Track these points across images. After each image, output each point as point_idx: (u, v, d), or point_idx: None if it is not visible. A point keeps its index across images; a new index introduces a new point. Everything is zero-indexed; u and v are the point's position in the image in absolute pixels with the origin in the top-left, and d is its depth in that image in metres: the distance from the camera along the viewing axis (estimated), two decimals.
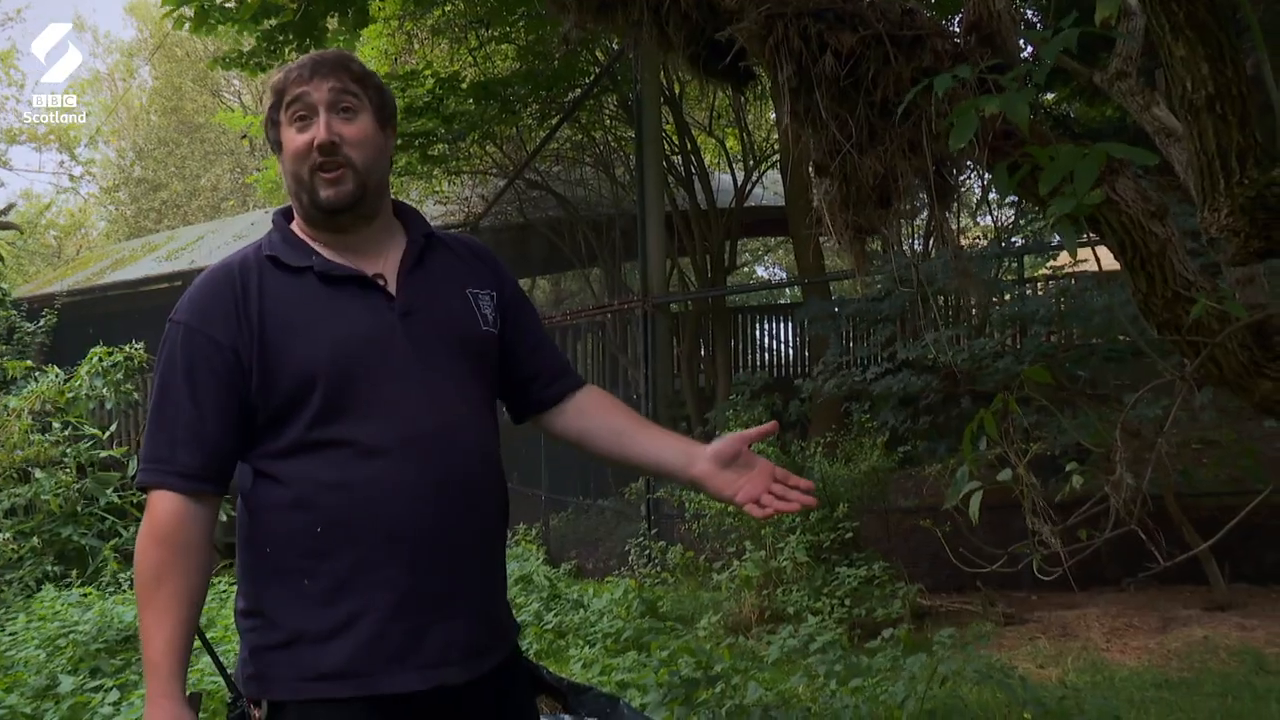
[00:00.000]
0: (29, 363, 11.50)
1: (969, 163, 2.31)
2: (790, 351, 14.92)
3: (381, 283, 1.71)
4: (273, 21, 8.34)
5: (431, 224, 1.87)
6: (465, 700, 1.68)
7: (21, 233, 28.40)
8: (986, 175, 2.45)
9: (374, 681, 1.59)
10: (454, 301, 1.77)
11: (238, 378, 1.62)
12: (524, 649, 5.54)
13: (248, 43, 8.92)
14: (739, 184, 13.58)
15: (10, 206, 24.25)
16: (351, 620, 1.59)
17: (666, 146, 11.70)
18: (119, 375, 10.19)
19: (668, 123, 11.76)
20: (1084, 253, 2.23)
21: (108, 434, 9.76)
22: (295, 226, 1.76)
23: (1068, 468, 2.33)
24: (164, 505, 1.57)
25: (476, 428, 1.72)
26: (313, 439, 1.61)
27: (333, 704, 1.59)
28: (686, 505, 7.09)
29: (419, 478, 1.63)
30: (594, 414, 1.90)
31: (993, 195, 9.84)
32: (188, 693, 1.57)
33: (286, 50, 8.60)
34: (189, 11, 7.83)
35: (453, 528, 1.66)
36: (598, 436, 1.88)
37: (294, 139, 1.67)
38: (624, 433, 1.87)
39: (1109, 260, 2.22)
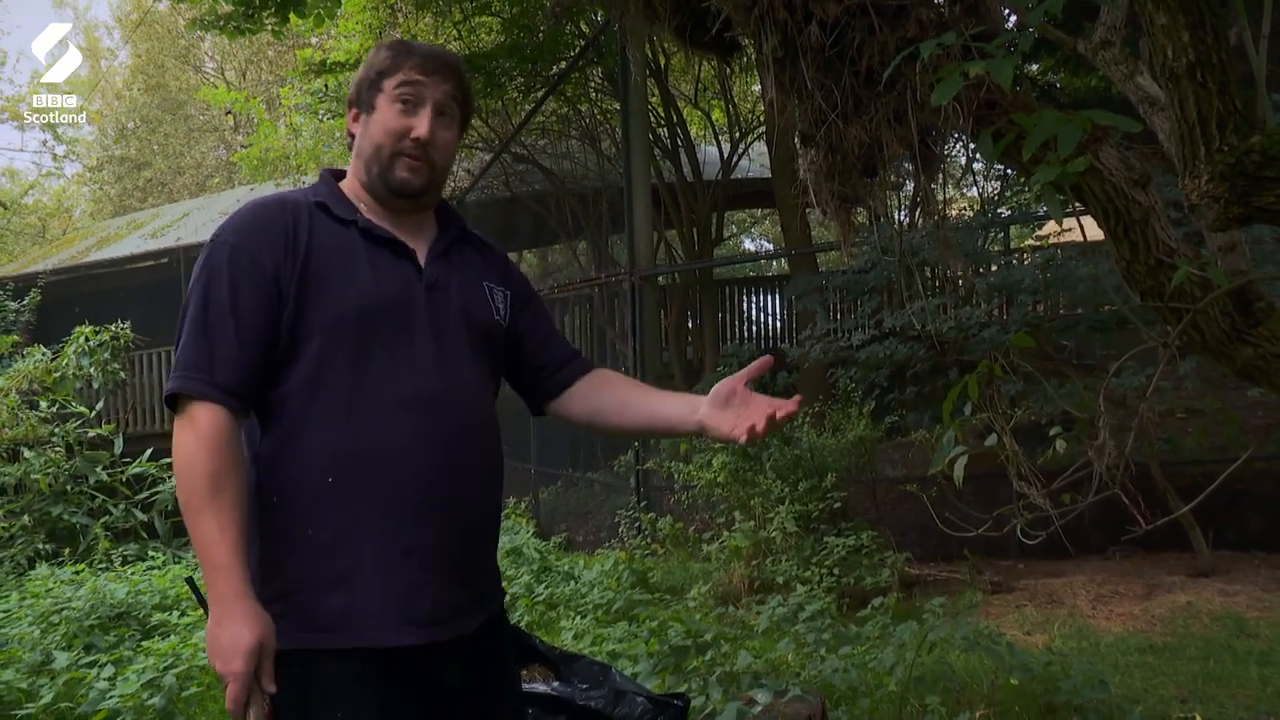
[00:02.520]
0: (15, 337, 11.46)
1: (953, 132, 2.33)
2: (778, 323, 14.93)
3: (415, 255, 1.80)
4: None
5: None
6: (457, 655, 1.72)
7: (6, 209, 28.19)
8: (971, 146, 2.46)
9: (373, 634, 1.63)
10: (471, 289, 1.86)
11: (276, 303, 1.66)
12: (516, 620, 5.60)
13: (224, 6, 8.80)
14: (725, 156, 13.55)
15: None
16: (352, 571, 1.63)
17: (652, 119, 11.67)
18: (105, 354, 10.17)
19: (653, 95, 11.72)
20: (1069, 222, 2.25)
21: (95, 412, 9.74)
22: (344, 186, 1.85)
23: (1051, 433, 2.35)
24: (211, 417, 1.60)
25: (479, 397, 1.80)
26: (330, 384, 1.66)
27: (333, 655, 1.61)
28: (676, 477, 7.11)
29: (427, 435, 1.69)
30: (602, 390, 1.98)
31: (978, 165, 9.87)
32: None
33: (263, 15, 8.49)
34: None
35: (455, 486, 1.72)
36: (607, 410, 1.96)
37: (393, 117, 1.77)
38: (629, 401, 1.95)
39: (1094, 230, 2.24)
